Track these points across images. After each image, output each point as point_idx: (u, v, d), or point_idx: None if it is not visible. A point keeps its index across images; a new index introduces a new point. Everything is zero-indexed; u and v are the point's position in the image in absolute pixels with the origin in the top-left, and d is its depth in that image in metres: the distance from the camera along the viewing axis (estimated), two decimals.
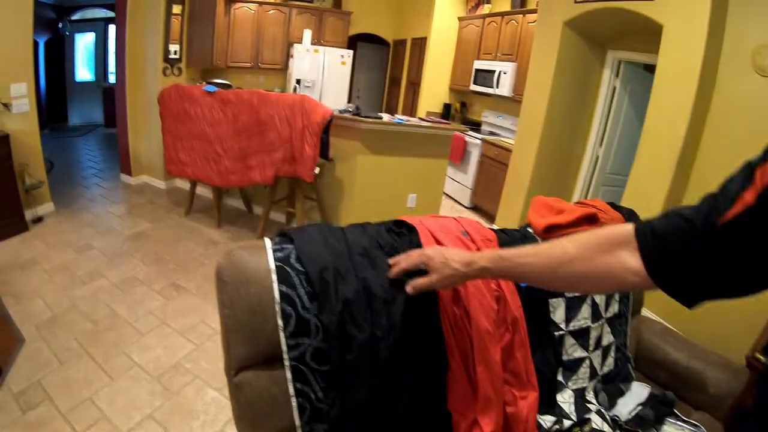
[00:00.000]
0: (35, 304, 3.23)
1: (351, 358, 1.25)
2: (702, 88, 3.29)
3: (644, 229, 0.78)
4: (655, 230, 0.76)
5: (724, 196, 0.67)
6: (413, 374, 1.33)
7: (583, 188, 5.22)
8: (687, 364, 1.99)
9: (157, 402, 2.51)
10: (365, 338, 1.26)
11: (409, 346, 1.31)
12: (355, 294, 1.28)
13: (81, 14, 8.84)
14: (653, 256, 0.76)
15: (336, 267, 1.30)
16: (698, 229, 0.69)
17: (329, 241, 1.37)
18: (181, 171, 4.70)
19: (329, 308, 1.24)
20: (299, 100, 3.91)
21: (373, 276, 1.32)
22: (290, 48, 7.99)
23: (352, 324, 1.26)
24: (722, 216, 0.65)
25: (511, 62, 6.29)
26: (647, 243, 0.77)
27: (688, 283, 0.73)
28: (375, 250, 1.40)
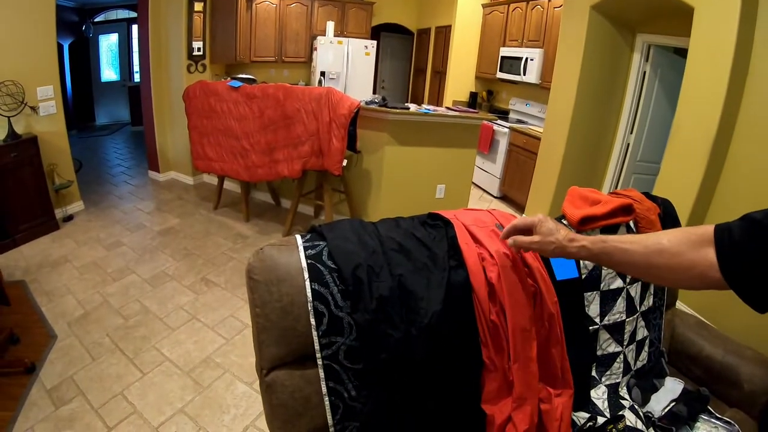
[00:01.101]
0: (67, 301, 3.28)
1: (385, 357, 1.22)
2: (735, 71, 3.17)
3: (722, 231, 0.80)
4: (731, 232, 0.78)
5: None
6: (446, 372, 1.30)
7: (614, 176, 5.10)
8: (721, 360, 1.93)
9: (188, 396, 2.53)
10: (400, 337, 1.23)
11: (444, 344, 1.28)
12: (390, 291, 1.25)
13: (104, 16, 8.95)
14: (728, 258, 0.77)
15: (370, 264, 1.27)
16: None
17: (362, 237, 1.34)
18: (209, 166, 4.72)
19: (363, 307, 1.22)
20: (325, 93, 3.87)
21: (409, 272, 1.29)
22: (313, 41, 7.96)
23: (386, 323, 1.23)
24: None
25: (538, 48, 6.17)
26: (723, 244, 0.78)
27: (759, 286, 0.73)
28: (410, 241, 1.37)
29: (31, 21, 4.03)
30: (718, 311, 3.14)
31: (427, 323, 1.24)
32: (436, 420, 1.30)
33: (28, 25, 4.01)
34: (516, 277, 1.38)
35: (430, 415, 1.30)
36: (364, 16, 8.52)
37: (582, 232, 1.74)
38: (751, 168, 3.15)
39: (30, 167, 4.01)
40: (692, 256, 0.84)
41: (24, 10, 3.96)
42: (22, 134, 3.97)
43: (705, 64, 3.34)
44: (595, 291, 1.72)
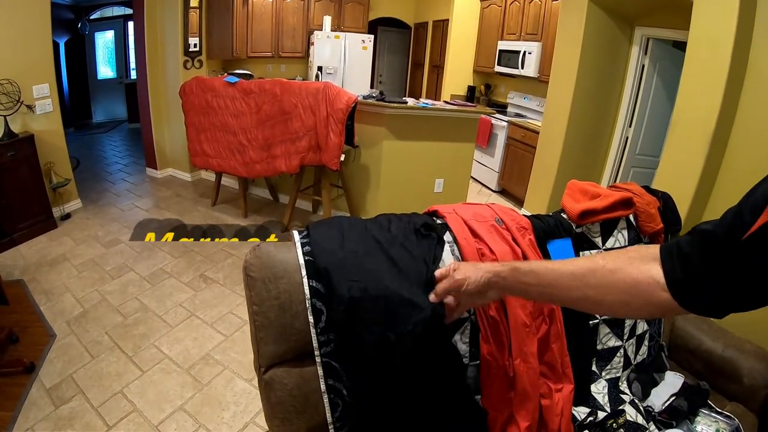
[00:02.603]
0: (66, 300, 3.27)
1: (360, 355, 1.20)
2: (735, 64, 3.16)
3: (669, 246, 0.76)
4: (679, 246, 0.74)
5: (748, 208, 0.63)
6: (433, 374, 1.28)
7: (613, 170, 5.10)
8: (721, 354, 1.93)
9: (187, 394, 2.52)
10: (373, 340, 1.18)
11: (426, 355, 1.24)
12: (362, 293, 1.19)
13: (99, 13, 8.90)
14: (675, 274, 0.73)
15: (345, 264, 1.22)
16: (721, 243, 0.66)
17: (346, 236, 1.30)
18: (206, 163, 4.71)
19: (336, 305, 1.18)
20: (322, 88, 3.86)
21: (389, 277, 1.23)
22: (310, 35, 7.94)
23: (359, 324, 1.19)
24: (746, 229, 0.62)
25: (536, 42, 6.15)
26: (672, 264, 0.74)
27: (713, 297, 0.70)
28: (394, 249, 1.31)
29: (26, 19, 4.01)
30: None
31: (411, 330, 1.17)
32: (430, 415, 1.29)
33: (23, 24, 3.99)
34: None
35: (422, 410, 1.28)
36: (361, 11, 8.50)
37: (581, 226, 1.74)
38: (750, 161, 3.15)
39: (27, 166, 4.00)
40: (632, 271, 0.78)
41: (19, 9, 3.93)
42: (18, 133, 3.96)
43: (704, 58, 3.32)
44: None
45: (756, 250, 0.62)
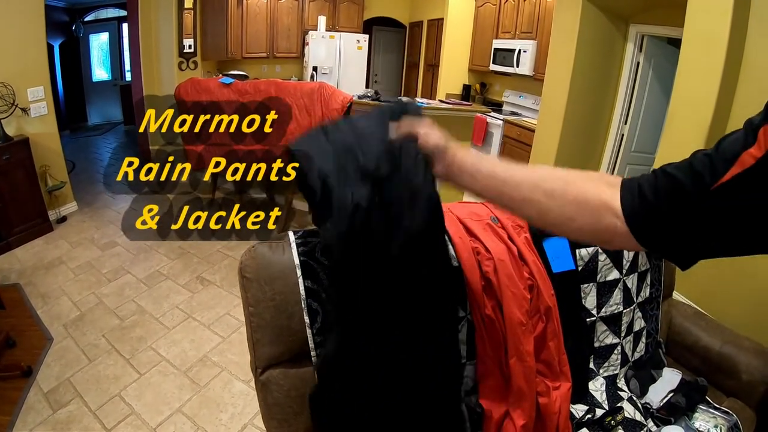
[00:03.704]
0: (62, 303, 3.26)
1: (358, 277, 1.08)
2: (729, 60, 3.16)
3: (630, 185, 0.72)
4: (641, 189, 0.70)
5: (720, 156, 0.62)
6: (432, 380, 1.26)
7: (609, 167, 5.10)
8: (719, 350, 1.93)
9: (185, 396, 2.52)
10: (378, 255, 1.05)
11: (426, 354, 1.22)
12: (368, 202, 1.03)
13: (94, 15, 8.87)
14: (637, 217, 0.69)
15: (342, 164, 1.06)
16: (689, 191, 0.64)
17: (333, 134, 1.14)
18: (202, 165, 4.69)
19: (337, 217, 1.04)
20: (317, 88, 3.86)
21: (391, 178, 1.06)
22: (305, 36, 7.94)
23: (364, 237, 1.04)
24: (718, 178, 0.60)
25: (531, 40, 6.15)
26: (632, 200, 0.70)
27: (679, 245, 0.68)
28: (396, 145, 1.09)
29: (20, 22, 3.99)
30: (716, 301, 3.15)
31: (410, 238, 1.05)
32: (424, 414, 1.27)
33: (17, 26, 3.97)
34: (512, 271, 1.37)
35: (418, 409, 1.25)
36: (356, 10, 8.50)
37: None
38: None
39: (22, 169, 3.98)
40: (587, 188, 0.75)
41: (12, 11, 3.92)
42: (13, 136, 3.94)
43: (699, 54, 3.33)
44: (592, 283, 1.72)
45: (725, 202, 0.61)
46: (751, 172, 0.58)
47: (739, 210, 0.61)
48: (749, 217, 0.60)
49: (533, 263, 1.45)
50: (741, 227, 0.62)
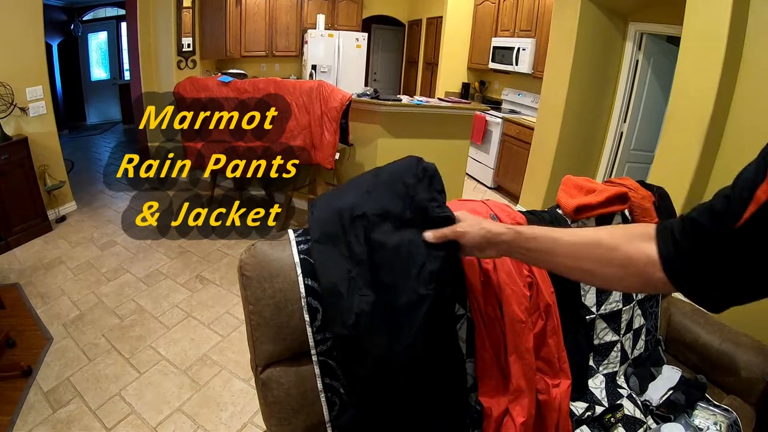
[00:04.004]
0: (62, 303, 3.26)
1: (364, 373, 1.17)
2: (729, 58, 3.16)
3: (664, 231, 0.75)
4: (672, 231, 0.73)
5: (738, 196, 0.63)
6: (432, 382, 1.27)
7: (608, 165, 5.10)
8: (718, 347, 1.95)
9: (185, 395, 2.52)
10: (380, 354, 1.14)
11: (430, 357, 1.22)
12: (373, 307, 1.14)
13: (92, 14, 8.88)
14: (672, 258, 0.72)
15: (353, 276, 1.16)
16: (714, 235, 0.65)
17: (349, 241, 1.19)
18: (201, 163, 4.69)
19: (341, 321, 1.14)
20: (316, 86, 3.86)
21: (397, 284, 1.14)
22: (304, 34, 7.93)
23: (367, 337, 1.14)
24: (738, 218, 0.61)
25: (530, 38, 6.14)
26: (667, 250, 0.73)
27: (711, 288, 0.70)
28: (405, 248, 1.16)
29: (19, 21, 3.99)
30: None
31: (411, 342, 1.12)
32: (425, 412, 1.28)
33: (15, 26, 3.97)
34: (512, 268, 1.37)
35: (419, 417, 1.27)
36: (355, 9, 8.50)
37: (577, 221, 1.74)
38: (745, 155, 3.12)
39: (21, 169, 3.98)
40: (629, 248, 0.78)
41: (11, 11, 3.91)
42: (12, 136, 3.94)
43: (698, 52, 3.32)
44: None
45: (748, 242, 0.61)
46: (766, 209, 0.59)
47: (763, 248, 0.61)
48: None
49: None
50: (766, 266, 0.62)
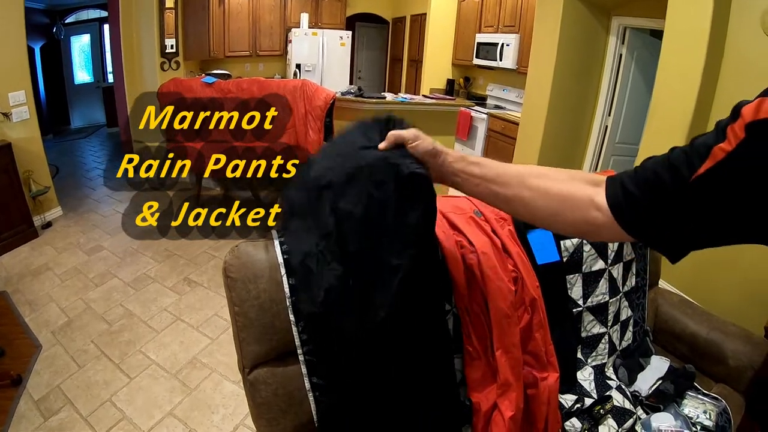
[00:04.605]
0: (50, 310, 3.23)
1: (337, 350, 1.18)
2: (711, 52, 3.19)
3: (613, 180, 0.78)
4: (624, 184, 0.76)
5: (695, 152, 0.67)
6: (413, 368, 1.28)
7: (593, 159, 5.14)
8: (706, 336, 1.96)
9: (176, 399, 2.51)
10: (353, 330, 1.12)
11: (408, 338, 1.23)
12: (339, 281, 1.09)
13: (74, 17, 8.77)
14: (621, 207, 0.75)
15: (321, 249, 1.11)
16: (668, 184, 0.69)
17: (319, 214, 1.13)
18: (201, 166, 4.65)
19: (309, 297, 1.12)
20: (300, 85, 3.86)
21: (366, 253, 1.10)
22: (288, 33, 7.92)
23: (337, 314, 1.12)
24: (694, 171, 0.66)
25: (514, 34, 6.18)
26: (614, 192, 0.76)
27: (666, 236, 0.74)
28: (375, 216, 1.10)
29: (0, 25, 3.94)
30: (702, 289, 3.18)
31: (384, 317, 1.09)
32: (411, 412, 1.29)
33: None
34: (496, 263, 1.37)
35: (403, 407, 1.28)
36: (339, 7, 8.49)
37: None
38: None
39: (5, 175, 3.93)
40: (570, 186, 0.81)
41: None
42: None
43: (681, 45, 3.35)
44: (577, 273, 1.73)
45: (702, 193, 0.65)
46: (723, 165, 0.63)
47: (716, 201, 0.65)
48: (725, 208, 0.65)
49: (517, 255, 1.46)
50: (719, 218, 0.67)
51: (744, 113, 0.62)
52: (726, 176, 0.63)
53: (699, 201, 0.66)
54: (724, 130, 0.64)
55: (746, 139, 0.61)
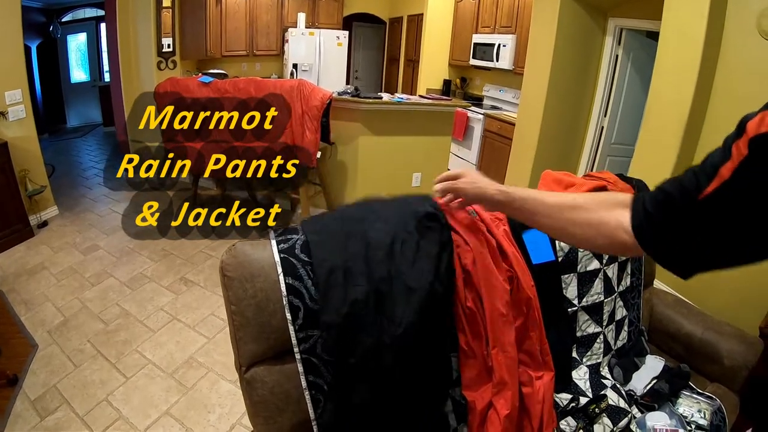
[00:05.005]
0: (46, 309, 3.23)
1: (354, 362, 1.22)
2: (707, 54, 3.20)
3: (638, 199, 0.82)
4: (644, 202, 0.79)
5: (703, 171, 0.68)
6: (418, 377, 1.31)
7: (589, 160, 5.15)
8: (701, 336, 1.98)
9: (172, 398, 2.51)
10: (371, 343, 1.22)
11: (416, 354, 1.28)
12: (366, 296, 1.23)
13: (71, 15, 8.74)
14: (642, 229, 0.79)
15: (348, 266, 1.25)
16: (679, 205, 0.71)
17: (348, 237, 1.32)
18: (201, 167, 4.64)
19: (334, 309, 1.20)
20: (297, 85, 3.86)
21: (390, 278, 1.27)
22: (285, 33, 7.91)
23: (358, 328, 1.22)
24: (701, 191, 0.67)
25: (511, 34, 6.18)
26: (637, 213, 0.80)
27: (677, 255, 0.76)
28: (398, 245, 1.33)
29: None
30: (697, 289, 3.19)
31: (401, 333, 1.22)
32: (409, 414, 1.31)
33: None
34: (491, 263, 1.38)
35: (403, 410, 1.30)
36: (336, 7, 8.49)
37: None
38: None
39: (2, 174, 3.91)
40: (604, 213, 0.87)
41: None
42: None
43: (676, 47, 3.36)
44: (572, 273, 1.75)
45: (709, 214, 0.67)
46: (729, 185, 0.64)
47: (723, 220, 0.66)
48: (733, 227, 0.66)
49: (512, 255, 1.47)
50: (728, 237, 0.68)
51: (748, 128, 0.62)
52: (732, 196, 0.64)
53: (707, 221, 0.68)
54: (731, 147, 0.65)
55: (749, 156, 0.61)
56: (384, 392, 1.26)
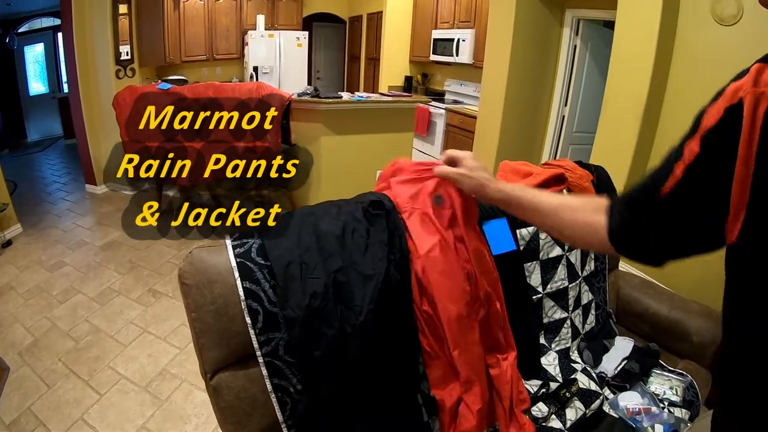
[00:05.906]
0: (15, 331, 3.15)
1: (319, 354, 1.22)
2: (662, 40, 3.27)
3: (611, 206, 0.87)
4: (612, 209, 0.85)
5: (663, 170, 0.72)
6: (385, 363, 1.32)
7: (551, 149, 5.22)
8: (668, 315, 2.02)
9: (148, 412, 2.48)
10: (334, 334, 1.23)
11: (381, 340, 1.28)
12: (324, 287, 1.24)
13: (27, 26, 8.53)
14: (612, 232, 0.84)
15: (304, 260, 1.26)
16: (643, 206, 0.76)
17: (300, 233, 1.33)
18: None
19: (295, 303, 1.21)
20: (255, 88, 3.86)
21: (345, 268, 1.29)
22: (244, 36, 7.86)
23: (319, 320, 1.22)
24: (659, 190, 0.71)
25: (469, 29, 6.24)
26: (612, 218, 0.84)
27: (645, 249, 0.81)
28: (348, 236, 1.35)
29: None
30: (663, 271, 3.25)
31: (363, 321, 1.24)
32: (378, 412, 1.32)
33: None
34: (446, 267, 1.36)
35: (371, 408, 1.32)
36: (295, 8, 8.45)
37: None
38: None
39: None
40: (588, 215, 0.91)
41: None
42: None
43: (632, 35, 3.43)
44: (535, 261, 1.77)
45: (668, 210, 0.71)
46: (682, 182, 0.68)
47: (681, 216, 0.71)
48: (690, 222, 0.71)
49: (473, 250, 1.44)
50: (685, 231, 0.72)
51: (702, 123, 0.66)
52: (684, 193, 0.68)
53: (667, 218, 0.72)
54: (683, 146, 0.69)
55: (700, 154, 0.65)
56: (352, 383, 1.27)
